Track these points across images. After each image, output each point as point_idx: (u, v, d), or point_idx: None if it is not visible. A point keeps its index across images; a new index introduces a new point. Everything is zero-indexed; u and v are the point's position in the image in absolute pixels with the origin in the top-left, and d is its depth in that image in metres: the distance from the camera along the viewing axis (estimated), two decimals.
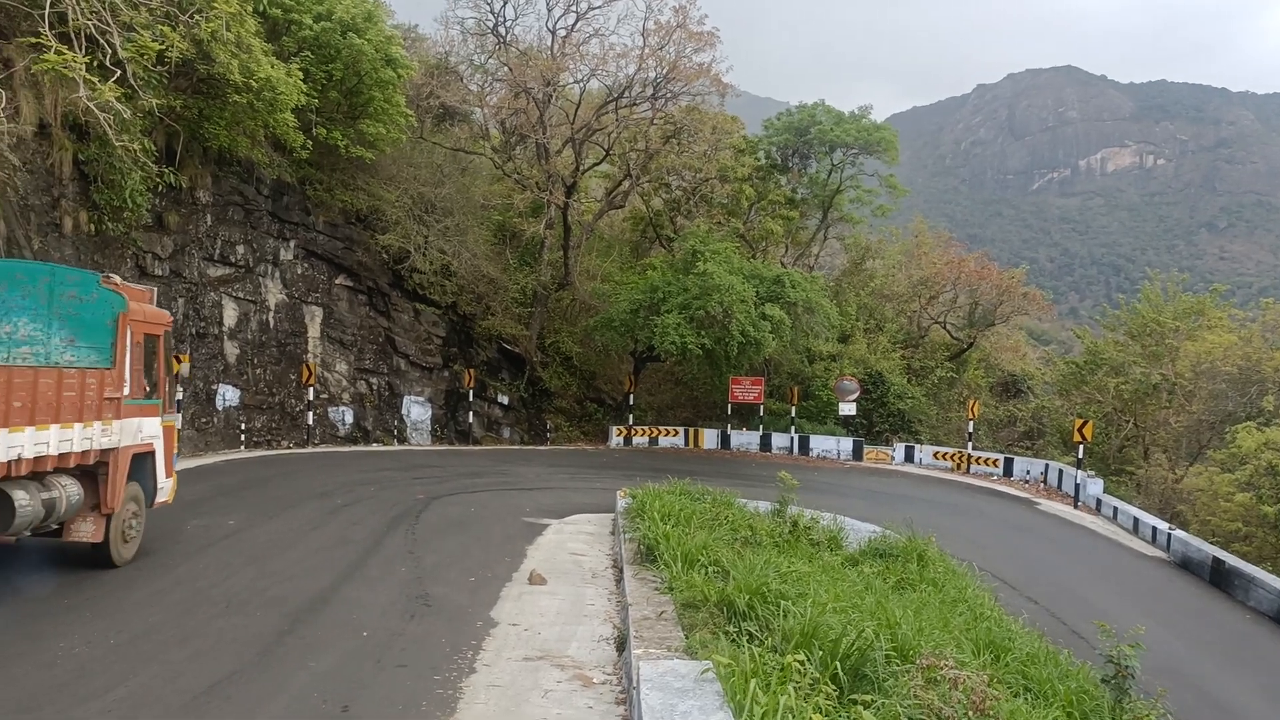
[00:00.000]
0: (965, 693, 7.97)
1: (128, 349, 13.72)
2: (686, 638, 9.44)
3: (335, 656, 10.67)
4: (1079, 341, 63.33)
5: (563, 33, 43.17)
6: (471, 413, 39.89)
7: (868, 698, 7.99)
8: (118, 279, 14.21)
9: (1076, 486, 35.16)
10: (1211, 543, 29.58)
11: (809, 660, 8.13)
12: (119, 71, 19.98)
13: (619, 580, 14.50)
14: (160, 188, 24.81)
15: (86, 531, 13.25)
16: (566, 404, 43.92)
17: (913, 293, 55.49)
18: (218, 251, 30.49)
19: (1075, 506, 34.33)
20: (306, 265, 34.83)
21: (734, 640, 9.28)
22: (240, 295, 31.59)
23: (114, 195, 22.67)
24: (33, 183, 20.41)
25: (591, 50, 43.49)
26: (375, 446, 35.84)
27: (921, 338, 55.81)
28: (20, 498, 11.52)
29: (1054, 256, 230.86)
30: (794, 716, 6.59)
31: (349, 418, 36.19)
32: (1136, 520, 31.48)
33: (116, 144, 20.79)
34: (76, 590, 12.79)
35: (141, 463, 14.39)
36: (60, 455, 12.07)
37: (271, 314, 33.11)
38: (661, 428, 44.61)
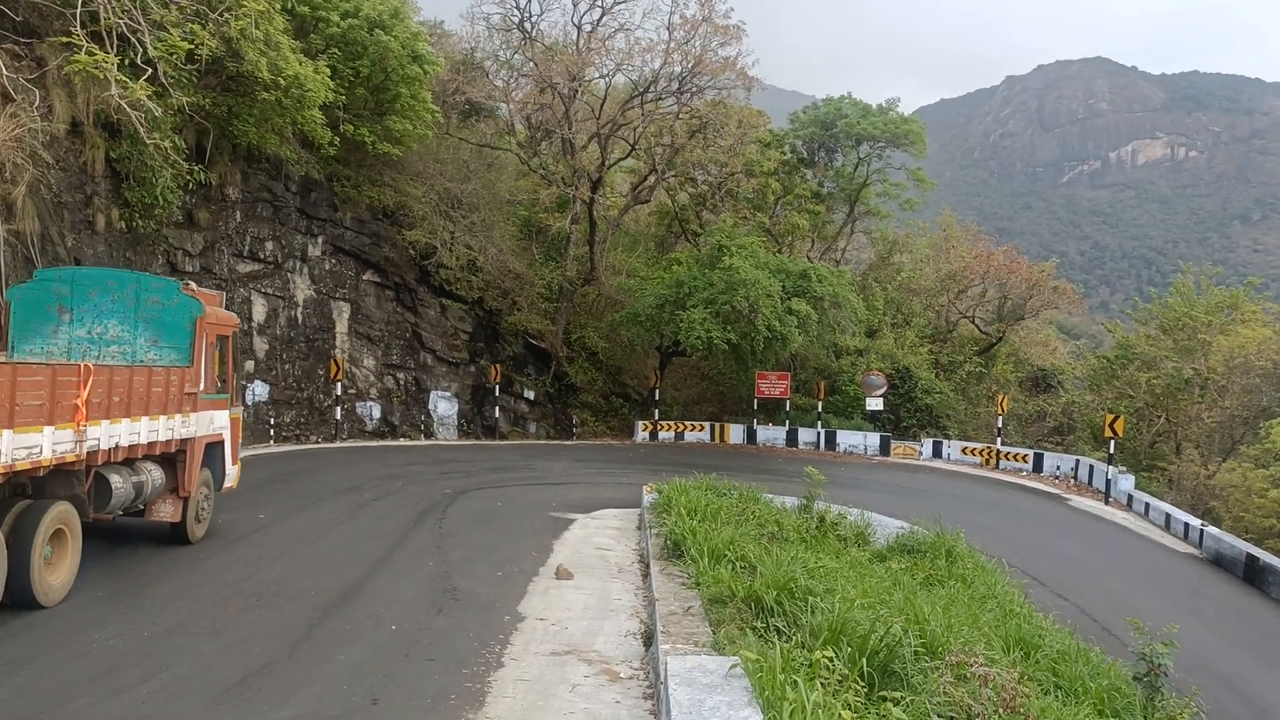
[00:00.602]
0: (995, 690, 7.93)
1: (203, 349, 15.32)
2: (714, 633, 9.42)
3: (364, 649, 10.74)
4: (1110, 336, 62.74)
5: (588, 27, 43.17)
6: (498, 408, 39.98)
7: (896, 694, 7.95)
8: (194, 286, 15.94)
9: (1107, 482, 34.87)
10: (1245, 539, 29.29)
11: (837, 656, 8.10)
12: (150, 70, 20.18)
13: (645, 575, 14.50)
14: (190, 185, 25.04)
15: (166, 512, 14.83)
16: (592, 399, 43.97)
17: (941, 287, 55.08)
18: (247, 248, 30.74)
19: (1106, 502, 34.05)
20: (334, 261, 35.03)
21: (761, 636, 9.26)
22: (269, 291, 31.83)
23: (145, 193, 22.88)
24: (66, 180, 20.63)
25: (617, 45, 43.50)
26: (402, 441, 36.04)
27: (949, 332, 55.43)
28: (115, 481, 13.00)
29: (1084, 250, 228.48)
30: (822, 713, 6.56)
31: (376, 413, 36.41)
32: (1168, 516, 31.18)
33: (148, 142, 20.97)
34: (109, 583, 12.95)
35: (213, 451, 16.00)
36: (148, 444, 13.62)
37: (300, 310, 33.35)
38: (687, 423, 44.59)
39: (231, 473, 16.93)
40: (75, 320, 14.79)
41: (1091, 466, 38.16)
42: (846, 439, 43.70)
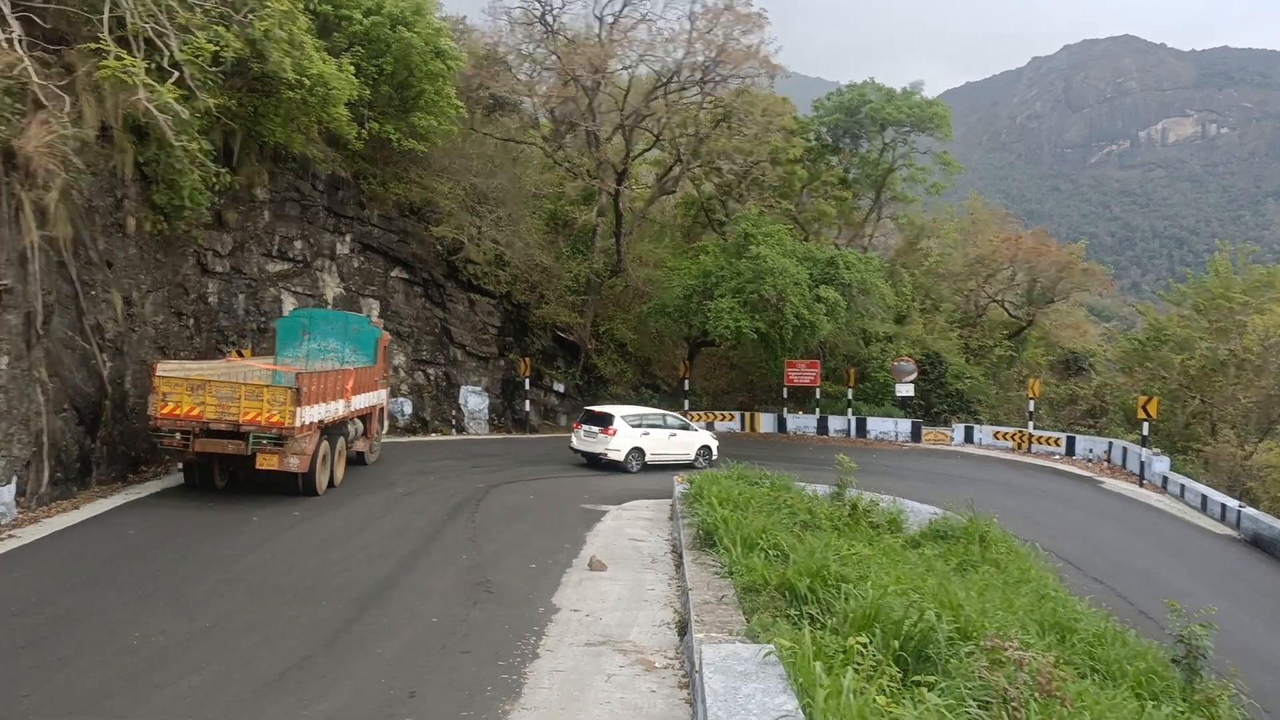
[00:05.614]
0: (1031, 674, 7.90)
1: (382, 355, 26.37)
2: (748, 621, 9.45)
3: (401, 643, 10.85)
4: (1141, 317, 62.02)
5: (610, 19, 43.10)
6: (528, 401, 40.09)
7: (931, 679, 7.95)
8: (373, 318, 29.42)
9: (1141, 464, 34.56)
10: None
11: (871, 642, 8.10)
12: (176, 73, 20.34)
13: (678, 565, 14.54)
14: (218, 186, 25.24)
15: (359, 447, 24.81)
16: (622, 390, 43.99)
17: (969, 271, 54.66)
18: (276, 247, 30.94)
19: (1140, 485, 33.75)
20: (363, 258, 35.22)
21: (795, 623, 9.28)
22: (299, 290, 32.04)
23: (174, 195, 23.03)
24: (96, 185, 20.81)
25: (639, 36, 43.35)
26: (434, 436, 36.24)
27: (979, 317, 55.02)
28: (351, 429, 23.41)
29: (1114, 231, 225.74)
30: (857, 698, 6.58)
31: (407, 408, 36.59)
32: (1204, 498, 30.87)
33: (175, 144, 21.12)
34: (151, 581, 13.14)
35: (380, 414, 26.68)
36: (363, 409, 24.12)
37: (330, 307, 33.53)
38: (717, 412, 44.54)
39: (384, 428, 27.81)
40: (312, 339, 24.86)
41: (1125, 449, 37.82)
42: (877, 426, 43.52)
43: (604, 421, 28.47)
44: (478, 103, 41.69)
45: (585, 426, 28.92)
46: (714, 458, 29.49)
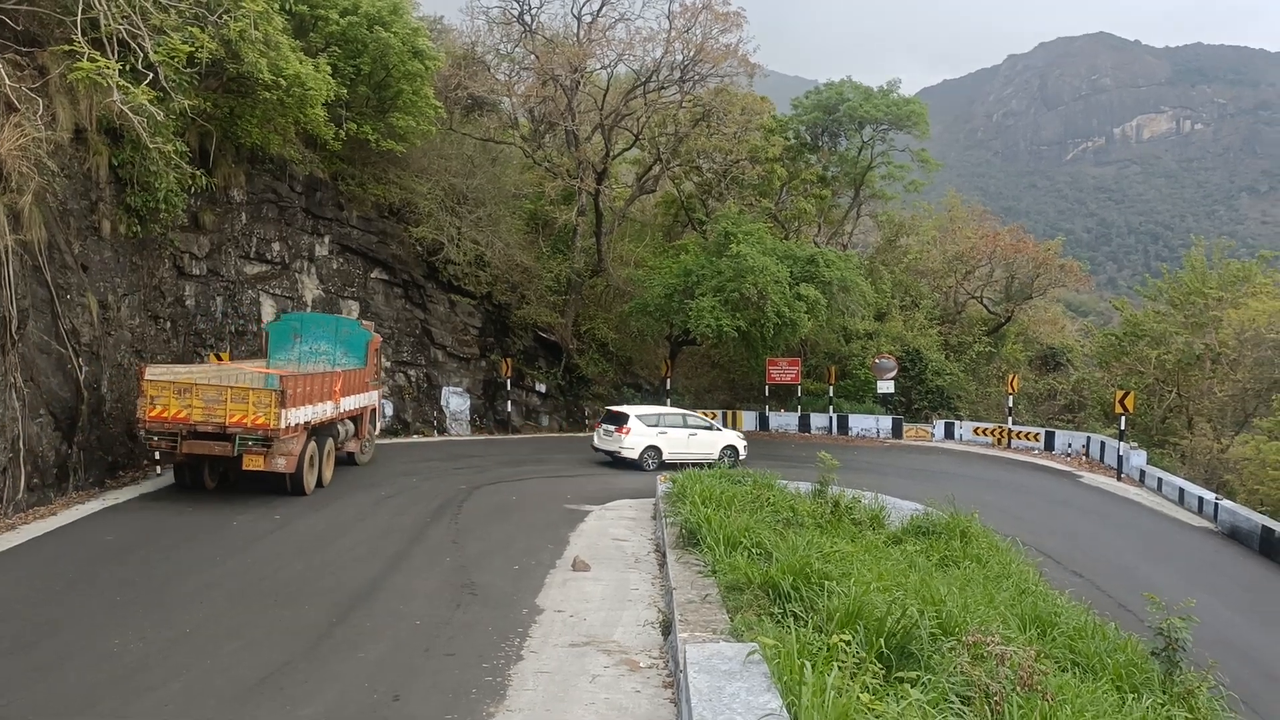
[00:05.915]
0: (1013, 668, 7.95)
1: (372, 357, 26.76)
2: (731, 620, 9.46)
3: (385, 646, 10.81)
4: (1118, 313, 62.49)
5: (588, 18, 43.02)
6: (510, 402, 40.00)
7: (914, 675, 7.98)
8: (364, 321, 28.63)
9: (1119, 458, 34.79)
10: (1260, 512, 29.16)
11: (854, 639, 8.13)
12: (151, 75, 20.17)
13: (662, 564, 14.55)
14: (194, 189, 25.10)
15: (351, 448, 25.25)
16: (604, 390, 43.95)
17: (948, 268, 54.90)
18: (254, 249, 30.74)
19: (1118, 479, 33.98)
20: (342, 260, 35.04)
21: (779, 621, 9.30)
22: (277, 292, 31.86)
23: (149, 197, 22.84)
24: (71, 188, 20.63)
25: (618, 35, 43.27)
26: (415, 438, 36.12)
27: (958, 313, 55.29)
28: (341, 429, 23.82)
29: (1090, 227, 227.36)
30: (841, 695, 6.60)
31: (388, 410, 36.43)
32: (1182, 491, 31.11)
33: (150, 146, 20.97)
34: (129, 586, 13.05)
35: (373, 415, 27.30)
36: (353, 410, 24.65)
37: (309, 309, 33.35)
38: (700, 411, 44.53)
39: (376, 427, 28.25)
40: (303, 342, 25.58)
41: (1103, 443, 38.06)
42: (859, 423, 43.67)
43: (620, 420, 29.39)
44: (456, 103, 41.55)
45: (604, 426, 29.94)
46: (741, 458, 29.64)
